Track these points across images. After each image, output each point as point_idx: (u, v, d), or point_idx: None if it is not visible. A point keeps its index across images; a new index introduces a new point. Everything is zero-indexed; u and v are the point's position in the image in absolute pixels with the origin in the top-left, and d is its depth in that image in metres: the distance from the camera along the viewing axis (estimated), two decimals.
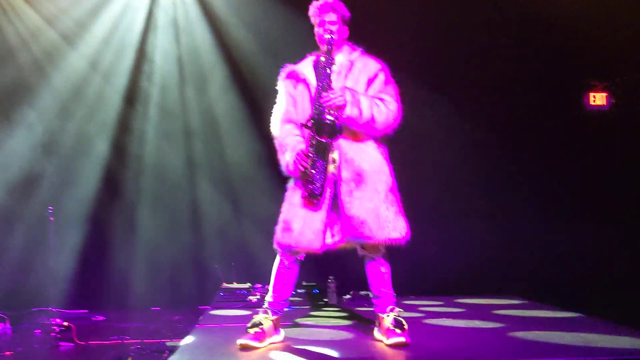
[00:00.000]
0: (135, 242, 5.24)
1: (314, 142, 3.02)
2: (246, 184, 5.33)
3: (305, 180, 3.01)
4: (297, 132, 3.18)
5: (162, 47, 5.58)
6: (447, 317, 4.07)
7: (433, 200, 5.35)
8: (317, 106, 3.06)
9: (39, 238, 4.76)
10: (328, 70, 3.09)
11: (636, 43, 5.37)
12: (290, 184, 3.19)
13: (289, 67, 3.32)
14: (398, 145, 3.27)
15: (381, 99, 3.14)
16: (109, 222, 5.31)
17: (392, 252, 3.16)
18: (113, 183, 5.41)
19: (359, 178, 3.07)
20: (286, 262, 3.18)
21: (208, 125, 5.57)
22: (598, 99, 5.65)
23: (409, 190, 3.27)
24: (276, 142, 3.24)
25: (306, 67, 3.26)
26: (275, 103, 3.30)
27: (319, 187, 3.01)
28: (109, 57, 5.50)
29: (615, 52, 5.41)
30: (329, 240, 3.07)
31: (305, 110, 3.17)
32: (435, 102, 5.30)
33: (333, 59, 3.12)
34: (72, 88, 5.43)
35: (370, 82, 3.21)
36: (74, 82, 5.44)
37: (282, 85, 3.30)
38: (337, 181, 3.07)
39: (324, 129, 2.99)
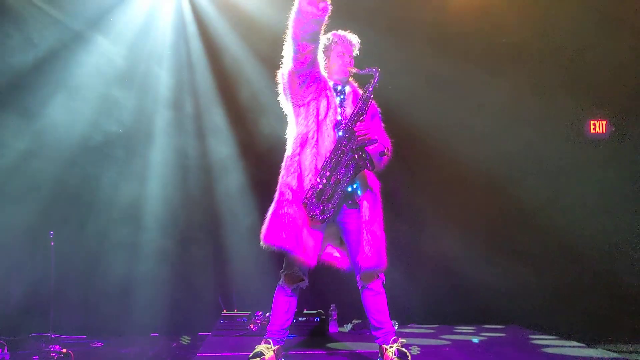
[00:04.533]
0: (134, 267, 5.17)
1: (353, 167, 3.05)
2: (249, 207, 5.25)
3: (321, 203, 3.00)
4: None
5: None
6: (450, 347, 4.05)
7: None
8: (349, 133, 3.09)
9: (40, 262, 4.71)
10: (366, 104, 3.16)
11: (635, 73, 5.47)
12: (291, 184, 3.06)
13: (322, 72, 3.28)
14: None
15: (382, 136, 3.32)
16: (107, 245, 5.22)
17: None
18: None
19: (373, 206, 3.16)
20: (287, 290, 3.19)
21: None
22: (598, 126, 5.73)
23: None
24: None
25: (328, 88, 3.25)
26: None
27: (331, 210, 3.01)
28: None
29: (615, 80, 5.50)
30: (320, 254, 3.15)
31: (320, 122, 3.12)
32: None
33: (372, 93, 3.18)
34: None
35: (373, 118, 3.33)
36: None
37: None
38: (360, 206, 3.13)
39: (367, 158, 3.09)
